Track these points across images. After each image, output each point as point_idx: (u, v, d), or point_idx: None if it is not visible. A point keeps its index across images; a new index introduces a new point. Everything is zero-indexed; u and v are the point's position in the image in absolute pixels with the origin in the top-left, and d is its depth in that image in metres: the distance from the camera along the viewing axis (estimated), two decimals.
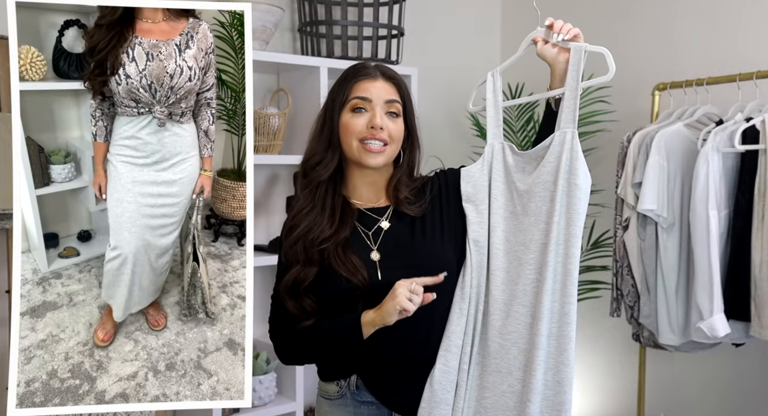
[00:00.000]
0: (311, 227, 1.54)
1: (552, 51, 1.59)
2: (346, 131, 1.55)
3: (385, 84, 1.57)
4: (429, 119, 3.37)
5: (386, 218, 1.59)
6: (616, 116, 3.08)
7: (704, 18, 2.95)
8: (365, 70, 1.57)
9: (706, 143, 2.43)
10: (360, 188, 1.61)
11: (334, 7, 2.91)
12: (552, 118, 1.58)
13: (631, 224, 2.66)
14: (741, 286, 2.41)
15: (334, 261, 1.52)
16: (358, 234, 1.57)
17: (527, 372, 1.50)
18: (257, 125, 2.69)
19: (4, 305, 2.30)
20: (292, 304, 1.56)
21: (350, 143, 1.54)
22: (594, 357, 3.41)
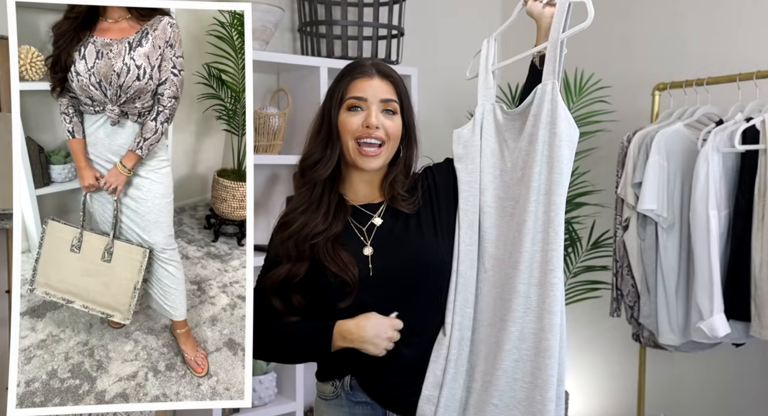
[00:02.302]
0: (306, 223, 1.55)
1: (538, 6, 1.60)
2: (342, 129, 1.55)
3: (382, 82, 1.57)
4: (429, 119, 3.37)
5: (379, 215, 1.60)
6: (616, 116, 3.08)
7: (704, 18, 2.95)
8: (361, 69, 1.57)
9: (706, 143, 2.43)
10: (357, 185, 1.62)
11: (334, 7, 2.91)
12: (536, 75, 1.58)
13: (631, 224, 2.66)
14: (741, 286, 2.41)
15: (324, 257, 1.53)
16: (351, 230, 1.58)
17: (505, 320, 1.50)
18: (257, 125, 2.69)
19: (4, 305, 2.29)
20: (278, 302, 1.57)
21: (346, 141, 1.55)
22: (594, 357, 3.41)
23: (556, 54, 1.52)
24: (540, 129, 1.49)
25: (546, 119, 1.49)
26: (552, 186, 1.48)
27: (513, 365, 1.49)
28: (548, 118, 1.49)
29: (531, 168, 1.50)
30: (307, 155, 1.60)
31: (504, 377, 1.49)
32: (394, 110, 1.57)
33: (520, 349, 1.49)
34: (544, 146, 1.49)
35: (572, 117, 1.51)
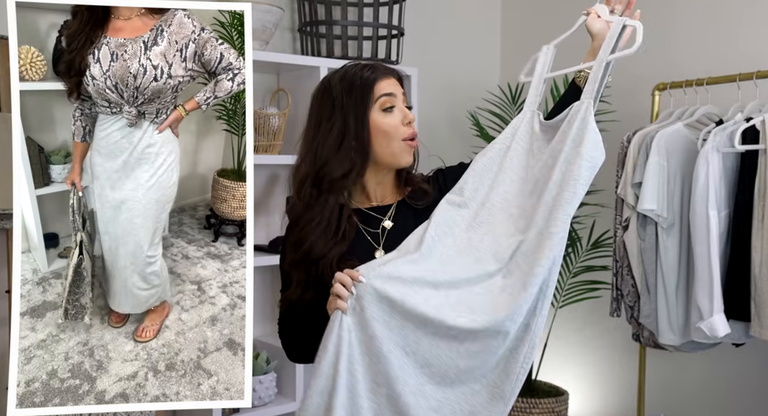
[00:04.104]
0: (315, 242, 1.50)
1: (600, 25, 1.57)
2: (385, 131, 1.50)
3: (395, 80, 1.57)
4: (429, 119, 3.37)
5: (389, 218, 1.59)
6: (616, 116, 3.08)
7: (704, 18, 2.95)
8: (375, 70, 1.53)
9: (706, 143, 2.43)
10: (372, 187, 1.58)
11: (334, 7, 2.91)
12: (575, 90, 1.56)
13: (631, 224, 2.66)
14: (741, 286, 2.41)
15: (329, 278, 1.48)
16: (361, 234, 1.57)
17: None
18: (257, 125, 2.69)
19: (4, 305, 2.29)
20: (293, 316, 1.57)
21: (389, 144, 1.51)
22: (594, 357, 3.41)
23: (598, 75, 1.50)
24: (566, 146, 1.47)
25: (573, 136, 1.47)
26: (560, 202, 1.44)
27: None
28: (576, 136, 1.47)
29: (546, 183, 1.47)
30: (331, 168, 1.50)
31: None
32: (409, 106, 1.58)
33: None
34: (564, 163, 1.46)
35: (600, 139, 1.47)
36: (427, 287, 1.42)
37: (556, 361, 3.48)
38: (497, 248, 1.48)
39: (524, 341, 1.44)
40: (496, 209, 1.53)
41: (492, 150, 1.58)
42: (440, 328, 1.40)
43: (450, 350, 1.41)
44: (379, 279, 1.40)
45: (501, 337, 1.41)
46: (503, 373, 1.44)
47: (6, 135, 1.73)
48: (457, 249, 1.49)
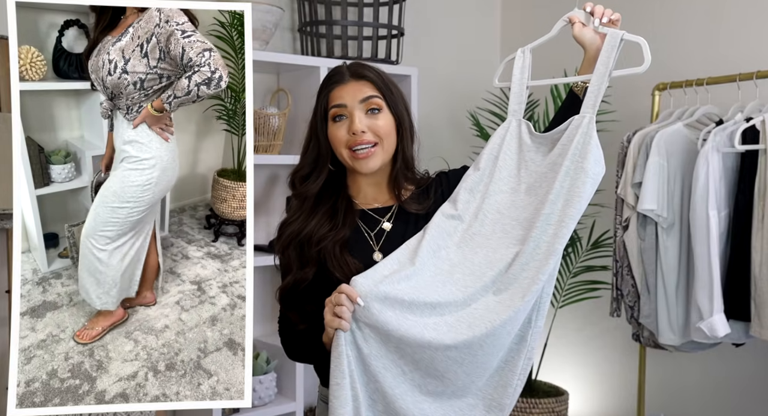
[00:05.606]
0: (303, 227, 1.54)
1: (591, 35, 1.56)
2: (333, 142, 1.55)
3: (357, 83, 1.55)
4: (429, 119, 3.37)
5: (388, 219, 1.59)
6: (616, 116, 3.08)
7: (704, 18, 2.95)
8: (336, 77, 1.56)
9: (706, 143, 2.43)
10: (364, 189, 1.61)
11: (334, 7, 2.91)
12: (574, 101, 1.55)
13: (631, 224, 2.66)
14: (741, 286, 2.41)
15: (330, 261, 1.51)
16: (361, 234, 1.57)
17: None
18: (257, 125, 2.69)
19: (4, 305, 2.30)
20: (291, 314, 1.57)
21: (341, 152, 1.55)
22: (594, 357, 3.42)
23: (599, 89, 1.49)
24: (566, 160, 1.46)
25: (574, 151, 1.46)
26: (565, 219, 1.44)
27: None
28: (577, 151, 1.46)
29: (546, 196, 1.47)
30: (298, 167, 1.60)
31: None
32: (379, 107, 1.54)
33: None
34: (566, 177, 1.46)
35: (602, 154, 1.48)
36: (426, 308, 1.43)
37: (556, 361, 3.48)
38: (492, 260, 1.48)
39: (520, 352, 1.46)
40: (488, 220, 1.53)
41: (481, 161, 1.58)
42: (438, 349, 1.41)
43: (447, 367, 1.42)
44: (377, 301, 1.41)
45: (497, 348, 1.42)
46: (499, 385, 1.46)
47: (6, 135, 1.73)
48: (452, 263, 1.50)
